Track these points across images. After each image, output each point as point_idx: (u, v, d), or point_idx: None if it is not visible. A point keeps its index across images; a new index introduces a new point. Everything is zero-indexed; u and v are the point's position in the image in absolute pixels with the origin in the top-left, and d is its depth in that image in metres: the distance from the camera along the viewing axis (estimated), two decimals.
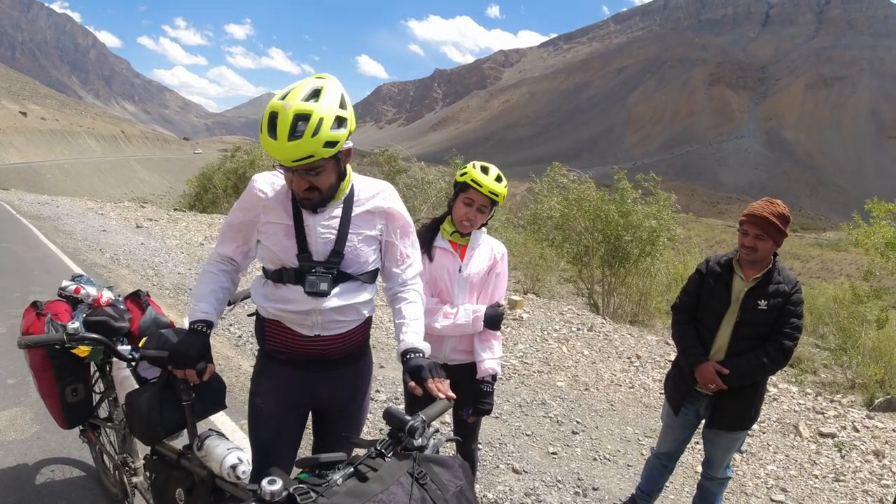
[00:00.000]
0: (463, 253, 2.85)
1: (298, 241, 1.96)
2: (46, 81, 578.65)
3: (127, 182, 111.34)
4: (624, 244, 11.71)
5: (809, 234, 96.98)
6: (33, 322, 2.66)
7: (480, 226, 2.86)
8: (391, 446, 1.54)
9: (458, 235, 2.84)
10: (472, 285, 2.84)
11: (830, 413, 5.47)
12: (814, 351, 13.01)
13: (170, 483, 2.12)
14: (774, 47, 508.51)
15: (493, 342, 2.82)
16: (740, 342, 2.92)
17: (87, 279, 2.96)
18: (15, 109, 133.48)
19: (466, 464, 1.59)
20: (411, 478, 1.42)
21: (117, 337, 2.66)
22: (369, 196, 2.05)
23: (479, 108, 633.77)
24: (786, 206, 2.88)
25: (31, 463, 3.58)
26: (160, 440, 2.23)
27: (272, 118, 1.72)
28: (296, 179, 1.83)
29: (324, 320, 2.02)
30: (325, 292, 1.96)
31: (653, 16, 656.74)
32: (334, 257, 1.97)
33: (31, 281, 8.47)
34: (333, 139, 1.74)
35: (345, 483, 1.41)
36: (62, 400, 2.74)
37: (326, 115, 1.72)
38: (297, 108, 1.70)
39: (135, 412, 2.17)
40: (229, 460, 1.85)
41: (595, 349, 6.94)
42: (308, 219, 1.96)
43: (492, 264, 2.87)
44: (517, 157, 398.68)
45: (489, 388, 2.81)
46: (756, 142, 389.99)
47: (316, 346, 2.06)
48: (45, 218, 17.54)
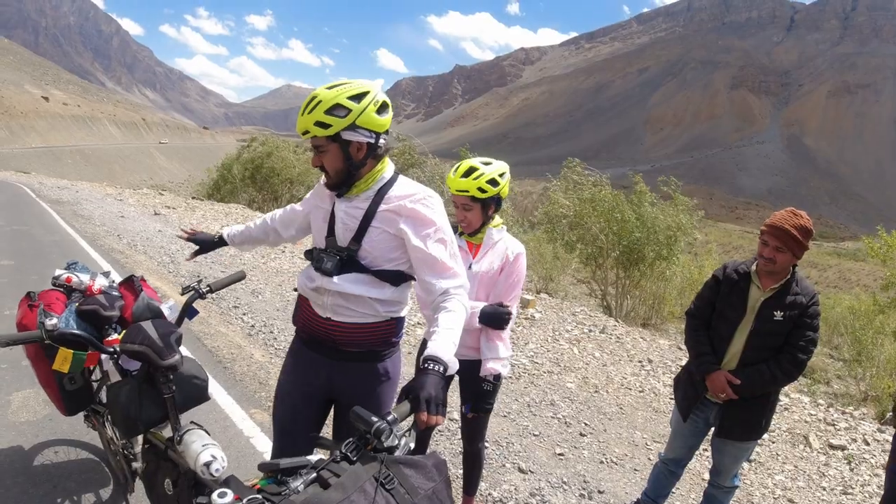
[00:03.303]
0: (477, 251, 2.86)
1: (329, 224, 2.15)
2: (69, 67, 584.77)
3: (146, 169, 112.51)
4: (640, 246, 11.62)
5: (828, 242, 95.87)
6: (26, 313, 2.64)
7: (482, 224, 2.82)
8: (358, 449, 1.46)
9: (468, 235, 2.86)
10: (481, 283, 2.83)
11: (841, 425, 5.41)
12: (828, 361, 12.89)
13: (159, 473, 2.12)
14: (798, 52, 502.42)
15: (496, 343, 2.80)
16: (754, 352, 2.88)
17: (81, 266, 2.95)
18: (37, 94, 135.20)
19: (443, 461, 1.52)
20: (377, 482, 1.37)
21: (109, 325, 2.65)
22: (400, 196, 2.06)
23: (499, 105, 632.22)
24: (809, 219, 2.80)
25: (41, 444, 3.63)
26: (141, 433, 2.22)
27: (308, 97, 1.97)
28: (314, 156, 2.07)
29: (332, 303, 2.13)
30: (329, 271, 2.08)
31: (676, 17, 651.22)
32: (352, 245, 2.09)
33: (48, 264, 8.57)
34: (325, 121, 1.91)
35: (305, 490, 1.35)
36: (61, 388, 2.74)
37: (325, 99, 1.90)
38: (319, 94, 1.93)
39: (115, 405, 2.17)
40: (203, 458, 1.83)
41: (606, 351, 6.91)
42: (338, 206, 2.13)
43: (503, 263, 2.84)
44: (534, 155, 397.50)
45: (489, 387, 2.80)
46: (777, 148, 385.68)
47: (326, 328, 2.17)
48: (64, 202, 17.76)
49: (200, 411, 2.35)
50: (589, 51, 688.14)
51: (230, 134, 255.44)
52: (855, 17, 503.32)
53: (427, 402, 1.62)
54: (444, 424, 4.36)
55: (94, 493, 3.19)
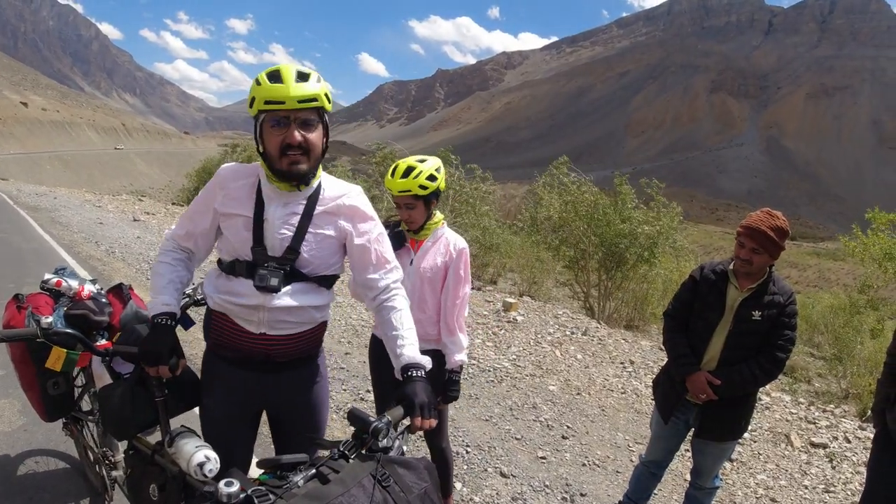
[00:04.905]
0: (419, 247, 2.89)
1: (255, 234, 1.93)
2: (48, 72, 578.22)
3: (126, 174, 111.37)
4: (621, 250, 11.69)
5: (807, 242, 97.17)
6: (14, 315, 2.63)
7: (425, 221, 2.85)
8: (355, 448, 1.53)
9: (412, 233, 2.89)
10: (423, 279, 2.85)
11: (823, 423, 5.45)
12: (808, 360, 13.01)
13: (144, 479, 2.10)
14: (777, 56, 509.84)
15: (458, 336, 2.87)
16: (733, 352, 2.87)
17: (69, 272, 2.93)
18: (16, 100, 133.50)
19: (433, 465, 1.58)
20: (374, 479, 1.42)
21: (97, 331, 2.63)
22: (334, 196, 2.01)
23: (481, 109, 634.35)
24: (786, 220, 2.80)
25: (16, 455, 3.55)
26: (133, 436, 2.21)
27: (274, 72, 1.81)
28: (290, 133, 1.83)
29: (271, 318, 1.96)
30: (275, 288, 1.90)
31: (656, 21, 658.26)
32: (289, 254, 1.93)
33: (25, 272, 8.43)
34: (329, 97, 1.85)
35: (305, 485, 1.40)
36: (43, 393, 2.70)
37: (317, 75, 1.86)
38: (300, 69, 1.83)
39: (106, 407, 2.16)
40: (196, 458, 1.82)
41: (588, 354, 6.91)
42: (269, 212, 1.93)
43: (447, 260, 2.87)
44: (517, 159, 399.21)
45: (457, 377, 2.91)
46: (756, 150, 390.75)
47: (260, 344, 1.99)
48: (42, 209, 17.50)
49: (192, 415, 2.31)
50: (570, 55, 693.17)
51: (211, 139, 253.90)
52: (832, 20, 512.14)
53: (422, 408, 1.73)
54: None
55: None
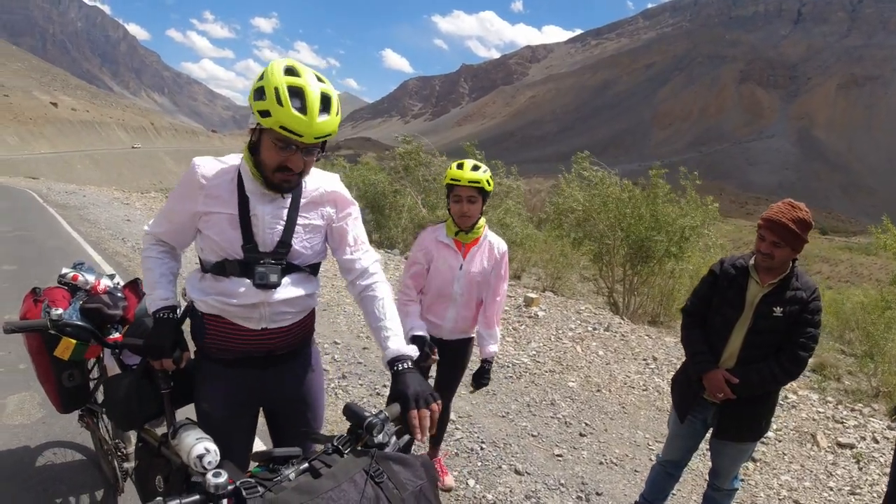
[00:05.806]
0: (467, 251, 2.99)
1: (244, 231, 1.89)
2: (77, 73, 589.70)
3: (155, 172, 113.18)
4: (652, 243, 11.45)
5: (839, 236, 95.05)
6: (30, 308, 2.68)
7: (477, 219, 2.97)
8: (349, 443, 1.51)
9: (463, 234, 2.98)
10: (471, 283, 2.99)
11: (850, 423, 5.29)
12: (839, 357, 12.70)
13: (151, 470, 2.11)
14: (806, 46, 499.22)
15: (495, 329, 3.15)
16: (752, 350, 2.76)
17: (87, 267, 2.98)
18: (46, 100, 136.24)
19: (431, 463, 1.57)
20: (366, 475, 1.40)
21: (111, 324, 2.68)
22: (316, 185, 2.01)
23: (505, 103, 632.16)
24: (807, 211, 2.66)
25: (35, 446, 3.62)
26: (139, 427, 2.24)
27: (298, 93, 1.68)
28: (294, 159, 1.78)
29: (272, 312, 1.96)
30: (276, 284, 1.91)
31: (683, 12, 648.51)
32: (281, 248, 1.93)
33: (51, 269, 8.56)
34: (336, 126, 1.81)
35: (296, 479, 1.39)
36: (59, 385, 2.74)
37: (336, 96, 1.77)
38: (322, 89, 1.72)
39: (112, 398, 2.18)
40: (196, 450, 1.81)
41: (610, 350, 6.81)
42: (257, 208, 1.89)
43: (493, 262, 3.02)
44: (541, 153, 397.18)
45: (489, 366, 3.18)
46: (786, 141, 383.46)
47: (262, 340, 1.99)
48: (70, 207, 17.82)
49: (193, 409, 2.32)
50: (595, 47, 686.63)
51: (238, 136, 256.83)
52: (862, 9, 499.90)
53: (416, 399, 1.66)
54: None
55: (84, 496, 3.18)
